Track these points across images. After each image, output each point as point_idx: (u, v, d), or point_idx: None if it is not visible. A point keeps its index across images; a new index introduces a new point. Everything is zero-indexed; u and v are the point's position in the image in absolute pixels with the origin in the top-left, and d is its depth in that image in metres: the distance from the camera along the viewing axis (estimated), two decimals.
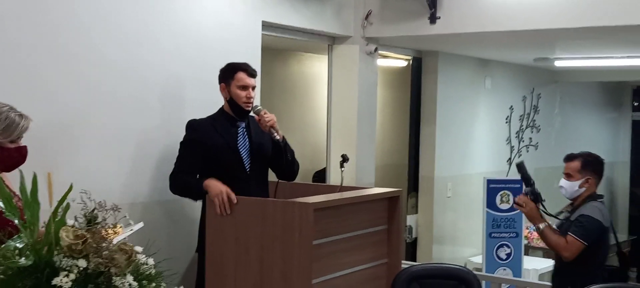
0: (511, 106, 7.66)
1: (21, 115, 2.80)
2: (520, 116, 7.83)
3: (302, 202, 3.46)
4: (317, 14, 5.23)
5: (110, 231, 1.88)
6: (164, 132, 4.15)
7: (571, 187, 3.98)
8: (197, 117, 3.96)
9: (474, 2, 5.09)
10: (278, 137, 3.86)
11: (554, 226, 4.03)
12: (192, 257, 4.12)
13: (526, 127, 7.94)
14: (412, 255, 6.59)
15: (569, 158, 4.08)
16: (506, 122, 7.62)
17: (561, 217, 4.09)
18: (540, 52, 6.71)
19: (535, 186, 4.01)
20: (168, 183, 3.91)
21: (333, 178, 5.59)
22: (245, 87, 3.86)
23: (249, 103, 3.87)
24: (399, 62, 6.85)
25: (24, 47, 3.47)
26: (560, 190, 4.06)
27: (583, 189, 3.96)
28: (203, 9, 4.39)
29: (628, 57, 6.61)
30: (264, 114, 3.85)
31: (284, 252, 3.45)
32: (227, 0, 4.55)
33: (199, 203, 3.96)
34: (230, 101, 3.90)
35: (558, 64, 7.28)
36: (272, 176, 4.10)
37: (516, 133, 7.77)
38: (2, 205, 1.72)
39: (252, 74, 3.91)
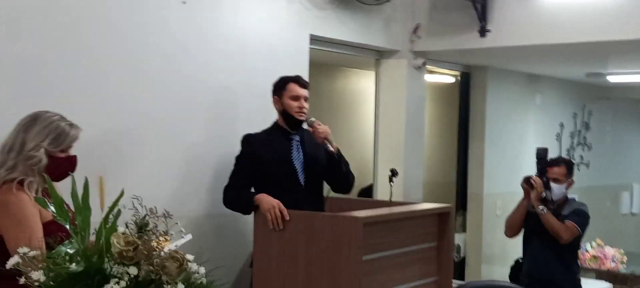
0: (561, 123, 7.49)
1: (71, 125, 2.80)
2: (571, 133, 7.66)
3: (351, 216, 3.39)
4: (364, 27, 5.18)
5: (160, 239, 1.83)
6: (213, 145, 4.13)
7: (560, 189, 4.62)
8: (247, 131, 3.94)
9: (525, 15, 4.99)
10: (332, 149, 3.83)
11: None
12: (238, 272, 4.08)
13: (577, 145, 7.76)
14: (460, 275, 6.45)
15: (554, 163, 4.71)
16: (557, 139, 7.45)
17: (541, 210, 4.56)
18: (593, 67, 6.55)
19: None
20: (217, 196, 3.88)
21: (380, 194, 5.51)
22: (297, 97, 3.87)
23: (302, 113, 3.87)
24: (447, 78, 6.76)
25: (81, 57, 3.50)
26: (548, 193, 4.60)
27: (567, 190, 4.66)
28: (250, 23, 4.38)
29: None
30: (318, 125, 3.85)
31: (333, 267, 3.38)
32: (275, 14, 4.53)
33: (251, 218, 3.93)
34: (284, 113, 3.89)
35: (611, 79, 7.09)
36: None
37: (567, 150, 7.60)
38: (54, 210, 1.69)
39: (303, 84, 3.92)
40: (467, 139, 6.57)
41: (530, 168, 7.05)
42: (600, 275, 6.59)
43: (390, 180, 4.01)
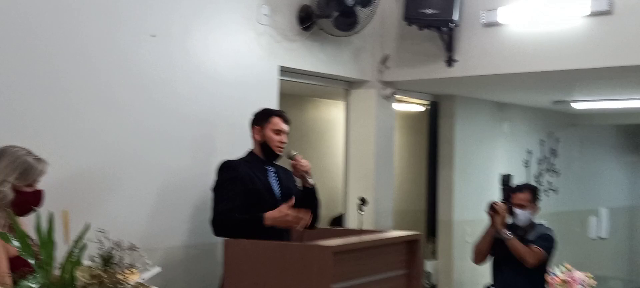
0: (529, 150, 7.60)
1: (38, 159, 2.79)
2: (539, 160, 7.76)
3: (321, 246, 3.42)
4: (334, 58, 5.24)
5: (126, 272, 1.84)
6: (187, 176, 4.15)
7: (524, 215, 4.78)
8: (219, 160, 3.94)
9: (491, 45, 5.09)
10: (312, 183, 3.89)
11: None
12: None
13: (545, 171, 7.86)
14: None
15: (519, 190, 4.88)
16: (525, 166, 7.54)
17: (507, 235, 4.71)
18: (559, 95, 6.68)
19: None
20: (191, 227, 3.88)
21: (351, 223, 5.53)
22: (279, 132, 3.93)
23: (281, 147, 3.94)
24: (416, 106, 6.83)
25: (51, 90, 3.50)
26: (514, 219, 4.77)
27: (532, 216, 4.82)
28: (221, 54, 4.41)
29: None
30: (300, 159, 3.91)
31: None
32: (245, 46, 4.57)
33: (220, 248, 3.93)
34: (263, 144, 3.93)
35: (576, 106, 7.23)
36: None
37: (535, 177, 7.69)
38: (17, 245, 1.69)
39: (286, 120, 4.00)
40: (436, 166, 6.63)
41: (499, 194, 7.15)
42: None
43: (360, 208, 4.03)
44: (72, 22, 3.62)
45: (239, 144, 4.11)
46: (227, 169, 3.89)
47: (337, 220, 6.27)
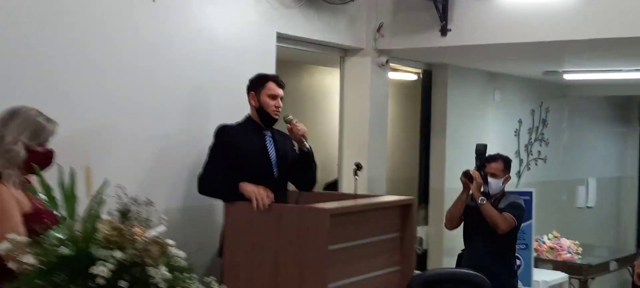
0: (520, 119, 7.72)
1: (48, 120, 2.88)
2: (529, 129, 7.89)
3: (319, 208, 3.54)
4: (329, 26, 5.32)
5: (136, 229, 1.94)
6: (184, 140, 4.23)
7: (497, 184, 4.90)
8: (214, 125, 4.04)
9: (485, 15, 5.18)
10: (308, 147, 3.97)
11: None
12: (208, 262, 4.18)
13: (535, 141, 8.00)
14: (422, 267, 6.62)
15: (492, 159, 4.97)
16: (515, 135, 7.68)
17: (481, 201, 4.82)
18: (550, 65, 6.78)
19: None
20: (188, 189, 3.98)
21: (345, 188, 5.65)
22: (274, 97, 4.00)
23: (277, 112, 4.02)
24: (409, 75, 6.93)
25: (50, 57, 3.58)
26: (486, 187, 4.87)
27: (504, 185, 4.93)
28: (218, 21, 4.48)
29: (636, 70, 6.67)
30: (296, 123, 3.97)
31: (300, 256, 3.52)
32: (243, 12, 4.65)
33: (219, 210, 4.04)
34: (260, 109, 4.01)
35: (567, 77, 7.34)
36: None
37: (525, 146, 7.83)
38: (45, 198, 1.79)
39: (281, 84, 4.06)
40: (428, 135, 6.74)
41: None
42: (557, 265, 6.83)
43: (355, 173, 4.15)
44: None
45: (237, 109, 4.20)
46: (219, 134, 3.99)
47: (332, 186, 6.39)
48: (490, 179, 4.87)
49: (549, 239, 7.11)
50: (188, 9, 4.28)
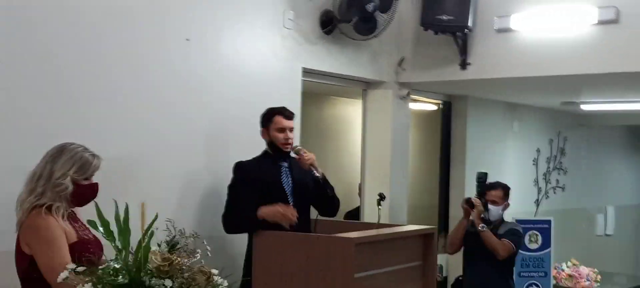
0: (538, 149, 7.84)
1: (93, 155, 3.07)
2: (547, 158, 8.00)
3: (344, 237, 3.69)
4: (352, 60, 5.51)
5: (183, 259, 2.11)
6: (213, 172, 4.41)
7: (497, 211, 5.10)
8: (243, 158, 4.21)
9: (503, 49, 5.35)
10: (318, 174, 4.09)
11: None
12: None
13: (553, 169, 8.10)
14: None
15: (492, 187, 5.16)
16: (533, 164, 7.79)
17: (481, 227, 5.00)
18: (567, 97, 6.92)
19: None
20: (214, 219, 4.14)
21: (367, 216, 5.80)
22: (282, 129, 4.12)
23: (287, 144, 4.12)
24: (430, 105, 7.09)
25: (87, 95, 3.80)
26: (489, 214, 5.06)
27: (503, 212, 5.13)
28: (248, 57, 4.69)
29: None
30: (304, 153, 4.10)
31: (327, 284, 3.66)
32: (271, 48, 4.85)
33: (242, 238, 4.20)
34: (271, 143, 4.15)
35: (584, 107, 7.47)
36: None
37: (543, 175, 7.94)
38: (103, 232, 1.97)
39: (288, 116, 4.16)
40: (448, 163, 6.88)
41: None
42: None
43: (379, 203, 4.29)
44: (125, 30, 3.95)
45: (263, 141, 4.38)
46: (236, 170, 4.14)
47: (353, 213, 6.54)
48: (490, 206, 5.08)
49: (567, 267, 7.18)
50: (219, 46, 4.49)
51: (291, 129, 4.16)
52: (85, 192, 3.00)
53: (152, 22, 4.10)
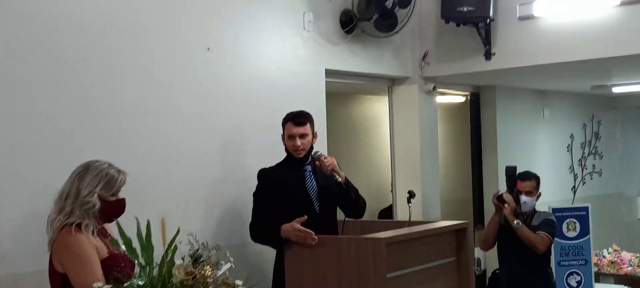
0: (572, 134, 7.73)
1: (119, 171, 3.09)
2: (582, 144, 7.89)
3: (374, 238, 3.67)
4: (376, 58, 5.49)
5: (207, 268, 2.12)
6: (237, 179, 4.41)
7: (531, 201, 4.99)
8: (267, 164, 4.19)
9: (527, 36, 5.27)
10: (340, 179, 4.03)
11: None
12: None
13: (588, 155, 7.98)
14: (482, 287, 6.67)
15: (526, 177, 5.03)
16: (568, 151, 7.68)
17: (516, 224, 4.89)
18: (597, 80, 6.81)
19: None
20: (238, 227, 4.15)
21: (400, 214, 5.77)
22: (292, 137, 4.05)
23: (298, 151, 4.05)
24: (458, 97, 7.03)
25: (113, 108, 3.83)
26: (523, 206, 4.95)
27: (536, 202, 5.01)
28: (269, 62, 4.69)
29: None
30: (324, 158, 4.04)
31: (360, 285, 3.64)
32: (292, 52, 4.85)
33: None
34: (287, 149, 4.13)
35: (616, 90, 7.34)
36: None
37: (578, 161, 7.82)
38: (125, 249, 1.99)
39: (299, 122, 4.06)
40: (480, 155, 6.82)
41: (544, 180, 7.28)
42: (619, 279, 6.79)
43: (409, 201, 4.26)
44: (145, 44, 3.98)
45: None
46: (259, 178, 4.11)
47: (386, 211, 6.51)
48: (525, 197, 4.96)
49: (609, 253, 7.07)
50: (240, 53, 4.50)
51: (302, 135, 4.06)
52: (113, 208, 3.02)
53: (172, 33, 4.12)
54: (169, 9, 4.11)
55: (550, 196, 7.26)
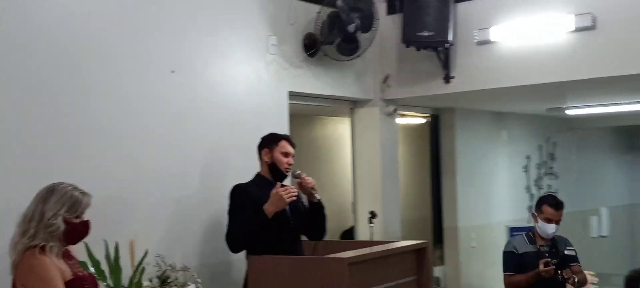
0: (528, 155, 7.91)
1: (83, 193, 3.12)
2: (537, 164, 8.07)
3: (337, 258, 3.74)
4: (338, 80, 5.59)
5: None
6: (205, 199, 4.46)
7: (556, 229, 4.87)
8: (235, 182, 4.24)
9: (485, 61, 5.43)
10: (318, 198, 4.18)
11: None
12: None
13: (544, 175, 8.17)
14: None
15: (562, 206, 4.86)
16: (524, 171, 7.86)
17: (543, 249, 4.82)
18: (552, 103, 7.00)
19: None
20: (207, 247, 4.18)
21: (361, 234, 5.85)
22: (287, 154, 4.23)
23: (288, 169, 4.24)
24: (418, 119, 7.15)
25: (78, 129, 3.85)
26: (549, 233, 4.84)
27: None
28: (236, 83, 4.76)
29: (637, 102, 6.87)
30: (305, 177, 4.19)
31: None
32: (256, 74, 4.92)
33: (237, 265, 4.24)
34: (272, 166, 4.23)
35: (570, 112, 7.55)
36: None
37: (534, 181, 8.00)
38: (94, 271, 2.02)
39: (293, 144, 4.30)
40: (439, 175, 6.95)
41: (501, 200, 7.46)
42: None
43: (370, 221, 4.35)
44: (110, 66, 4.02)
45: (254, 166, 4.41)
46: (236, 192, 4.18)
47: (348, 233, 6.58)
48: (554, 226, 4.84)
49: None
50: (204, 75, 4.56)
51: (293, 156, 4.26)
52: (78, 230, 3.04)
53: (136, 56, 4.16)
54: (135, 31, 4.16)
55: (507, 215, 7.43)
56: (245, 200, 4.12)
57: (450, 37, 5.35)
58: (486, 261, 7.15)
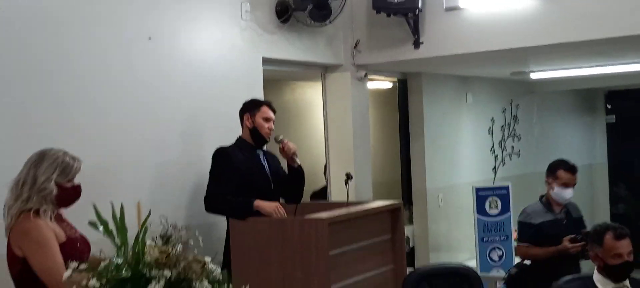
0: (492, 118, 8.13)
1: (74, 158, 3.21)
2: (502, 127, 8.30)
3: (318, 218, 3.90)
4: (310, 46, 5.70)
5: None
6: (183, 163, 4.57)
7: (571, 194, 4.89)
8: (212, 149, 4.36)
9: (453, 27, 5.59)
10: (299, 163, 4.33)
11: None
12: None
13: (508, 137, 8.41)
14: (410, 263, 6.99)
15: (576, 169, 4.94)
16: (489, 133, 8.09)
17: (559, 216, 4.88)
18: (516, 67, 7.21)
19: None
20: (189, 211, 4.30)
21: (334, 196, 6.01)
22: (268, 119, 4.39)
23: (270, 133, 4.40)
24: (386, 83, 7.31)
25: (63, 99, 3.92)
26: (566, 198, 4.90)
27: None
28: (208, 51, 4.83)
29: (597, 66, 7.12)
30: (287, 142, 4.33)
31: (304, 263, 3.87)
32: (230, 40, 5.00)
33: (219, 227, 4.37)
34: (253, 130, 4.37)
35: (533, 76, 7.78)
36: None
37: (499, 143, 8.24)
38: (102, 230, 2.13)
39: (274, 110, 4.46)
40: (408, 139, 7.13)
41: (467, 162, 7.68)
42: None
43: (346, 183, 4.49)
44: (91, 34, 4.07)
45: (229, 131, 4.55)
46: (219, 155, 4.33)
47: (319, 193, 6.74)
48: (571, 190, 4.88)
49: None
50: (179, 43, 4.63)
51: (274, 121, 4.41)
52: (69, 194, 3.14)
53: (114, 23, 4.21)
54: None
55: (474, 176, 7.67)
56: (227, 163, 4.24)
57: (419, 4, 5.49)
58: (452, 220, 7.40)
